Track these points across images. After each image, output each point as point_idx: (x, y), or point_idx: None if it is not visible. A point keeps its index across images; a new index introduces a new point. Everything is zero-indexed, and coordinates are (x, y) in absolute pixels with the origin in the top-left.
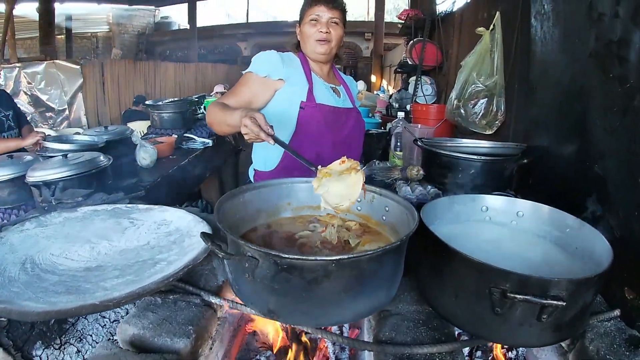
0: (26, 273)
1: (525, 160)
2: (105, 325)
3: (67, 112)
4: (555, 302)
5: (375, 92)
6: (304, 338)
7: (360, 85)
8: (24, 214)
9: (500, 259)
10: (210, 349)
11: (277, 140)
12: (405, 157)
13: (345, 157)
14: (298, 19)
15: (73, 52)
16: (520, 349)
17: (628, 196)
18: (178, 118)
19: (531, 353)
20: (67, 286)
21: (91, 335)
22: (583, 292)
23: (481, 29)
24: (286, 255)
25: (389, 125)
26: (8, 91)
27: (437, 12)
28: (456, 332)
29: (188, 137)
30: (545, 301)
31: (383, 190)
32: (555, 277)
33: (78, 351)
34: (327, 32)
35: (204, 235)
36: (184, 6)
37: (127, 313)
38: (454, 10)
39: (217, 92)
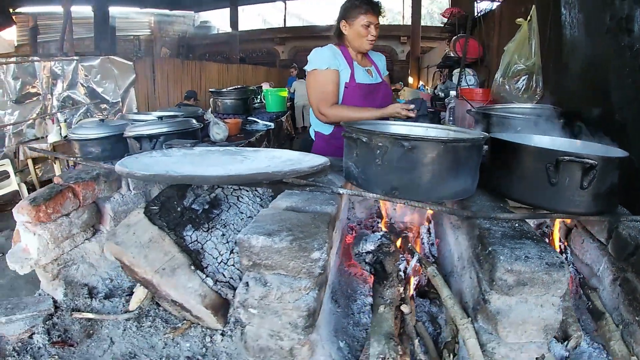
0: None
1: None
2: (243, 218)
3: (120, 104)
4: (591, 160)
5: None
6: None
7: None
8: None
9: None
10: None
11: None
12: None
13: None
14: (343, 16)
15: (117, 54)
16: (571, 245)
17: None
18: (240, 104)
19: (578, 245)
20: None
21: (233, 224)
22: (609, 170)
23: (520, 19)
24: (413, 135)
25: None
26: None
27: (478, 10)
28: None
29: (252, 120)
30: (584, 160)
31: (456, 127)
32: (590, 153)
33: (223, 234)
34: (375, 35)
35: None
36: (223, 11)
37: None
38: (493, 8)
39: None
